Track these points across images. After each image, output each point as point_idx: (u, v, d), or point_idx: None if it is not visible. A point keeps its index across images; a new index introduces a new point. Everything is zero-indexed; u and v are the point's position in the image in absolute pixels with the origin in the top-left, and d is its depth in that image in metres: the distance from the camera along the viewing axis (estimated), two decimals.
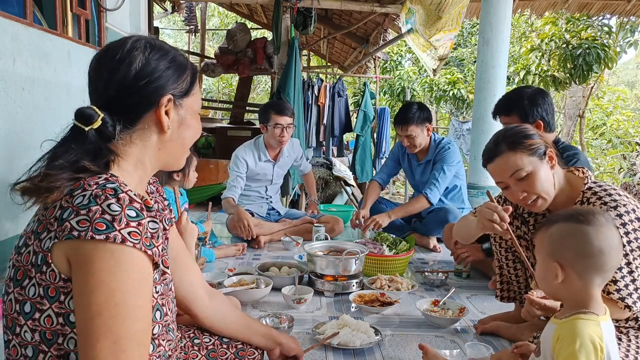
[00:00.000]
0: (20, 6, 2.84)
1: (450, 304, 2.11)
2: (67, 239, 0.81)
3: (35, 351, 0.86)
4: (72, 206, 0.83)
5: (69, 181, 0.86)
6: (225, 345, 1.34)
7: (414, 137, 3.25)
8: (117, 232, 0.81)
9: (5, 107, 2.61)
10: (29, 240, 0.87)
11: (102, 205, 0.82)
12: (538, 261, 1.23)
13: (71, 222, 0.81)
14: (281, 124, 3.33)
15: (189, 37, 11.77)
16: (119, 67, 0.94)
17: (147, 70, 0.95)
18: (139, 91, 0.95)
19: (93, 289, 0.80)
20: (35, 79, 2.86)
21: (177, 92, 1.00)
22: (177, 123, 1.01)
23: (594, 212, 1.18)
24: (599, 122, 10.96)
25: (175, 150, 1.04)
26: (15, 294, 0.87)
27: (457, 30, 5.07)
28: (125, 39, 0.98)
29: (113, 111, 0.93)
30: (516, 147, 1.59)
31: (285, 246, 3.24)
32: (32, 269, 0.85)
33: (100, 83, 0.96)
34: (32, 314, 0.85)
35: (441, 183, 3.24)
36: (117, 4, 3.92)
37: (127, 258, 0.82)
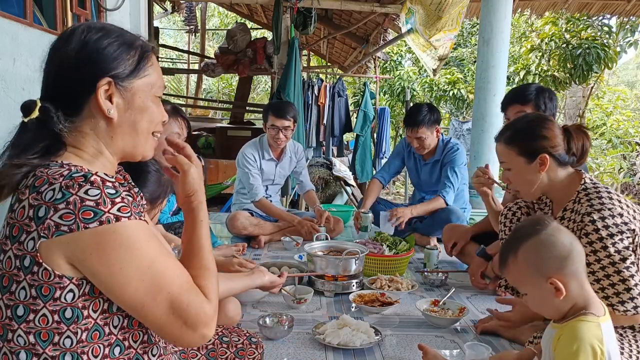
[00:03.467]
0: (20, 6, 2.84)
1: (450, 304, 2.11)
2: (58, 235, 0.80)
3: (29, 355, 0.85)
4: (44, 203, 0.81)
5: (12, 177, 0.85)
6: (225, 344, 1.34)
7: (424, 139, 3.25)
8: (107, 213, 0.82)
9: (5, 107, 2.61)
10: (4, 246, 0.85)
11: (78, 194, 0.81)
12: (528, 291, 1.20)
13: (53, 219, 0.80)
14: (277, 125, 3.31)
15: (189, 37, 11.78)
16: (56, 53, 0.93)
17: (83, 53, 0.91)
18: (75, 76, 0.91)
19: (121, 269, 0.83)
20: (35, 79, 2.85)
21: (120, 72, 0.93)
22: (124, 107, 0.94)
23: (541, 218, 1.21)
24: (599, 122, 10.95)
25: (129, 137, 0.97)
26: (4, 300, 0.85)
27: (457, 30, 5.07)
28: (71, 28, 0.96)
29: (55, 100, 0.91)
30: (510, 142, 1.68)
31: (285, 246, 3.24)
32: (19, 273, 0.83)
33: (44, 74, 0.94)
34: (26, 316, 0.84)
35: (454, 184, 3.29)
36: (117, 4, 3.92)
37: (129, 230, 0.84)
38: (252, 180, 3.35)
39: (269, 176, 3.56)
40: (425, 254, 2.77)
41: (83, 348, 0.86)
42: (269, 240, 3.40)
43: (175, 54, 15.20)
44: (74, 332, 0.85)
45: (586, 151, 1.67)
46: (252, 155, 3.41)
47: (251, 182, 3.35)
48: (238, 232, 3.33)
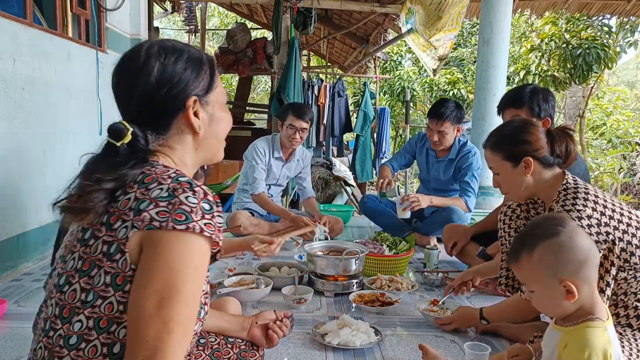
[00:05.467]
0: (20, 6, 2.84)
1: (449, 303, 2.11)
2: (148, 229, 0.84)
3: (79, 339, 0.87)
4: (149, 198, 0.86)
5: (103, 201, 0.88)
6: (230, 345, 1.37)
7: (446, 134, 3.24)
8: (195, 223, 0.85)
9: (5, 107, 2.61)
10: (97, 232, 0.88)
11: (179, 197, 0.86)
12: (536, 290, 1.19)
13: (150, 213, 0.85)
14: (295, 126, 3.36)
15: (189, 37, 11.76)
16: (137, 79, 0.95)
17: (165, 77, 0.95)
18: (162, 100, 0.95)
19: (158, 269, 0.84)
20: (35, 79, 2.86)
21: (200, 90, 1.00)
22: (208, 121, 1.02)
23: (560, 217, 1.19)
24: (599, 122, 10.95)
25: (212, 147, 1.06)
26: (81, 283, 0.88)
27: (457, 30, 5.07)
28: (139, 47, 0.98)
29: (142, 123, 0.95)
30: (495, 148, 1.75)
31: (285, 246, 3.24)
32: (103, 258, 0.87)
33: (124, 97, 0.97)
34: (94, 302, 0.87)
35: (475, 190, 3.32)
36: (117, 4, 3.92)
37: (196, 247, 0.86)
38: (256, 174, 3.39)
39: (274, 176, 3.57)
40: (425, 254, 2.77)
41: None
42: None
43: None
44: None
45: (570, 152, 1.71)
46: (263, 150, 3.46)
47: (255, 175, 3.39)
48: (238, 232, 3.34)
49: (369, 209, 3.64)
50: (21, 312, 2.09)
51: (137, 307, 0.84)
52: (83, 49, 3.45)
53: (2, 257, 2.62)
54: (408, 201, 3.11)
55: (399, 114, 11.93)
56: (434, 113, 3.24)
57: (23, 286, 2.45)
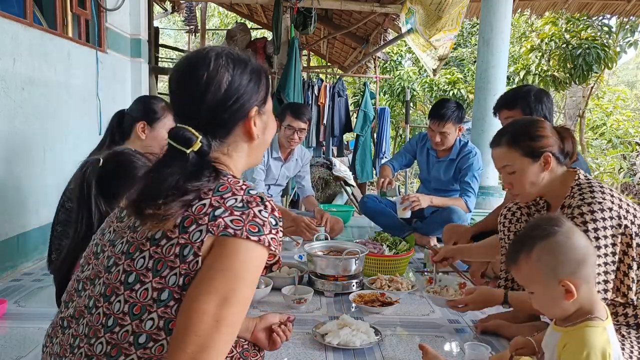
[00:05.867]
0: (20, 6, 2.84)
1: (447, 280, 2.12)
2: (222, 235, 0.89)
3: (148, 338, 0.90)
4: (224, 206, 0.91)
5: (182, 207, 0.91)
6: (234, 344, 1.36)
7: (448, 134, 3.24)
8: (266, 236, 0.91)
9: (5, 107, 2.61)
10: (171, 234, 0.91)
11: (253, 210, 0.92)
12: (536, 290, 1.19)
13: (225, 220, 0.89)
14: (293, 127, 3.34)
15: (189, 37, 11.76)
16: (207, 88, 0.98)
17: (233, 88, 1.00)
18: (229, 109, 1.00)
19: (223, 271, 0.88)
20: (35, 79, 2.86)
21: (260, 101, 1.05)
22: (262, 129, 1.08)
23: (556, 218, 1.19)
24: (599, 122, 10.95)
25: (261, 152, 1.12)
26: (153, 283, 0.90)
27: (457, 30, 5.08)
28: (206, 55, 1.01)
29: (206, 130, 0.99)
30: (512, 144, 1.66)
31: (285, 246, 3.24)
32: (176, 260, 0.90)
33: (190, 104, 1.00)
34: (167, 302, 0.89)
35: (475, 190, 3.31)
36: (117, 4, 3.92)
37: (260, 258, 0.92)
38: (255, 174, 3.38)
39: (273, 176, 3.56)
40: (425, 254, 2.77)
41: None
42: None
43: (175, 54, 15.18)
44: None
45: (574, 151, 1.71)
46: None
47: (254, 176, 3.38)
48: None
49: (369, 209, 3.64)
50: (21, 312, 2.09)
51: (194, 302, 0.87)
52: (83, 49, 3.45)
53: (2, 257, 2.62)
54: (408, 201, 3.11)
55: (399, 114, 11.93)
56: (436, 114, 3.23)
57: (23, 286, 2.45)
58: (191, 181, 0.93)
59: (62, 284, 1.21)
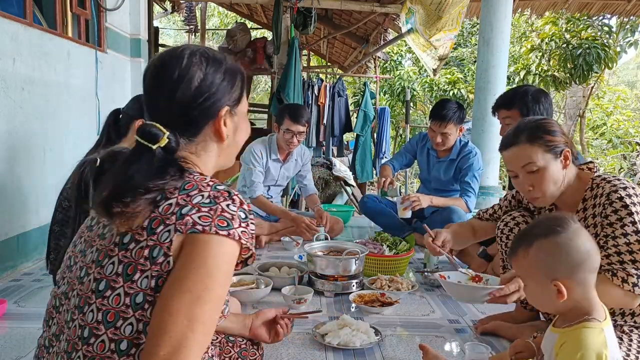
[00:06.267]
0: (20, 6, 2.84)
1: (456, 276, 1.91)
2: (191, 232, 0.88)
3: (130, 344, 0.88)
4: (191, 204, 0.90)
5: (150, 205, 0.90)
6: (231, 344, 1.40)
7: (449, 135, 3.24)
8: (235, 230, 0.90)
9: (5, 107, 2.61)
10: (139, 236, 0.89)
11: (221, 204, 0.90)
12: (529, 285, 1.20)
13: (193, 217, 0.88)
14: (292, 130, 3.31)
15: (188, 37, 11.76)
16: (178, 85, 0.98)
17: (205, 86, 0.99)
18: (199, 107, 0.99)
19: (194, 269, 0.87)
20: (35, 79, 2.86)
21: (232, 102, 1.04)
22: (233, 130, 1.06)
23: (563, 218, 1.17)
24: (599, 122, 10.96)
25: (231, 154, 1.10)
26: (125, 287, 0.88)
27: (457, 30, 5.07)
28: (181, 52, 1.01)
29: (175, 127, 0.98)
30: (535, 140, 1.58)
31: (285, 246, 3.24)
32: (146, 262, 0.88)
33: (160, 101, 0.99)
34: (142, 305, 0.88)
35: (475, 190, 3.31)
36: (117, 4, 3.92)
37: (231, 252, 0.90)
38: (254, 177, 3.36)
39: (272, 177, 3.56)
40: (426, 254, 2.77)
41: None
42: (269, 240, 3.40)
43: None
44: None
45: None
46: (259, 152, 3.41)
47: (253, 179, 3.35)
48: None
49: (369, 209, 3.64)
50: (21, 312, 2.09)
51: (166, 303, 0.86)
52: (83, 48, 3.45)
53: (2, 257, 2.62)
54: (409, 200, 3.11)
55: (399, 114, 11.93)
56: (437, 115, 3.23)
57: (23, 286, 2.45)
58: (155, 179, 0.92)
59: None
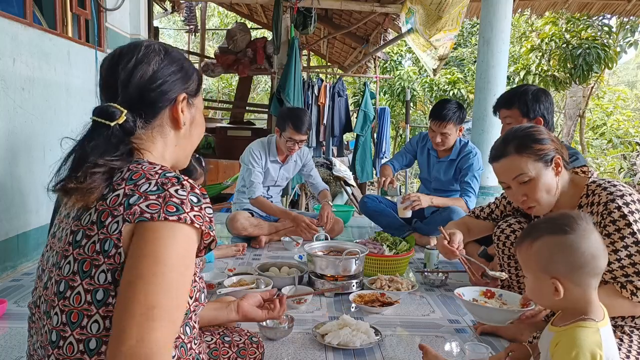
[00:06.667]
0: (20, 6, 2.84)
1: (507, 296, 1.76)
2: (139, 221, 0.87)
3: (99, 342, 0.86)
4: (138, 193, 0.89)
5: (105, 181, 0.91)
6: (227, 344, 1.38)
7: (449, 135, 3.24)
8: (187, 214, 0.89)
9: (5, 107, 2.61)
10: (90, 231, 0.89)
11: (169, 190, 0.90)
12: (529, 278, 1.21)
13: (140, 206, 0.87)
14: (295, 139, 3.30)
15: (188, 37, 11.77)
16: (136, 68, 1.00)
17: (161, 72, 1.02)
18: (156, 90, 1.01)
19: (142, 256, 0.85)
20: (35, 79, 2.86)
21: (191, 90, 1.08)
22: (190, 120, 1.09)
23: (575, 218, 1.16)
24: (599, 122, 10.96)
25: (187, 148, 1.11)
26: (84, 285, 0.88)
27: (457, 30, 5.07)
28: (139, 43, 1.04)
29: (132, 108, 0.99)
30: (523, 150, 1.57)
31: (285, 246, 3.24)
32: (99, 257, 0.87)
33: (118, 83, 1.00)
34: (105, 300, 0.87)
35: (475, 190, 3.31)
36: (117, 4, 3.92)
37: (184, 237, 0.88)
38: (253, 178, 3.36)
39: (272, 177, 3.56)
40: (426, 254, 2.77)
41: None
42: (269, 240, 3.40)
43: None
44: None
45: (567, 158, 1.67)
46: (259, 153, 3.42)
47: (252, 179, 3.35)
48: (238, 233, 3.34)
49: (369, 209, 3.64)
50: (21, 312, 2.09)
51: (122, 294, 0.84)
52: (83, 48, 3.45)
53: (2, 257, 2.62)
54: (409, 200, 3.11)
55: (399, 114, 11.94)
56: (437, 115, 3.23)
57: (23, 286, 2.45)
58: (105, 155, 0.92)
59: None
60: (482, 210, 2.13)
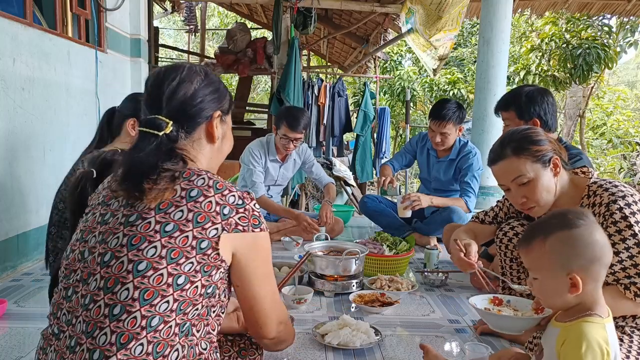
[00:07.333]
0: (20, 6, 2.84)
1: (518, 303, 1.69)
2: (235, 232, 1.07)
3: (160, 321, 0.98)
4: (228, 204, 1.07)
5: (171, 182, 1.05)
6: (230, 343, 1.42)
7: (448, 135, 3.24)
8: (263, 224, 1.12)
9: (5, 107, 2.61)
10: (184, 227, 1.02)
11: (251, 205, 1.11)
12: (541, 278, 1.18)
13: (235, 219, 1.07)
14: (289, 137, 3.30)
15: (188, 37, 11.77)
16: (179, 86, 1.14)
17: (201, 91, 1.16)
18: (196, 106, 1.15)
19: (262, 262, 1.14)
20: (35, 79, 2.86)
21: (225, 108, 1.22)
22: (222, 135, 1.22)
23: (582, 211, 1.16)
24: (599, 122, 10.96)
25: (218, 160, 1.26)
26: (168, 269, 0.99)
27: (457, 30, 5.08)
28: (181, 65, 1.19)
29: (175, 120, 1.12)
30: (521, 152, 1.58)
31: (285, 246, 3.24)
32: (191, 251, 1.01)
33: (163, 98, 1.13)
34: (183, 286, 1.00)
35: (475, 190, 3.30)
36: (117, 4, 3.92)
37: (267, 240, 1.16)
38: (254, 177, 3.36)
39: (272, 177, 3.56)
40: (426, 254, 2.77)
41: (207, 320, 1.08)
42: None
43: (175, 54, 15.20)
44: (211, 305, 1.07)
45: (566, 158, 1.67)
46: (258, 153, 3.42)
47: (253, 179, 3.36)
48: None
49: (369, 209, 3.64)
50: (21, 312, 2.09)
51: (255, 289, 1.15)
52: (83, 48, 3.45)
53: (2, 257, 2.62)
54: (409, 200, 3.11)
55: (399, 114, 11.94)
56: (436, 114, 3.23)
57: (23, 286, 2.45)
58: (165, 161, 1.06)
59: None
60: (486, 214, 2.12)
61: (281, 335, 1.28)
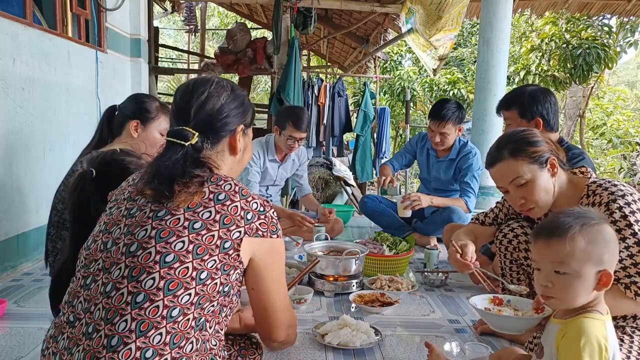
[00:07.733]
0: (20, 6, 2.84)
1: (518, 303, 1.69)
2: (256, 237, 1.14)
3: (180, 312, 1.02)
4: (251, 210, 1.15)
5: (200, 186, 1.11)
6: (230, 342, 1.43)
7: (448, 135, 3.24)
8: (279, 230, 1.20)
9: (5, 107, 2.61)
10: (211, 226, 1.09)
11: (270, 212, 1.19)
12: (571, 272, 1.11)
13: (256, 224, 1.15)
14: (295, 137, 3.30)
15: (188, 37, 11.77)
16: (208, 100, 1.21)
17: (227, 105, 1.23)
18: (222, 120, 1.22)
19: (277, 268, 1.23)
20: (35, 79, 2.86)
21: (247, 122, 1.29)
22: (243, 147, 1.29)
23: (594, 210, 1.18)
24: (599, 122, 10.96)
25: (239, 170, 1.33)
26: (194, 263, 1.05)
27: (457, 30, 5.08)
28: (209, 79, 1.25)
29: (201, 132, 1.19)
30: (517, 154, 1.58)
31: (285, 246, 3.23)
32: (215, 249, 1.08)
33: (191, 110, 1.19)
34: (205, 280, 1.06)
35: (475, 190, 3.31)
36: (117, 4, 3.92)
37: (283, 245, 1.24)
38: (250, 177, 3.36)
39: (270, 177, 3.56)
40: (426, 254, 2.77)
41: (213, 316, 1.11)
42: None
43: (175, 54, 15.21)
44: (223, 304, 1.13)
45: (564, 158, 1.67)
46: (257, 153, 3.42)
47: (249, 178, 3.36)
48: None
49: (369, 209, 3.64)
50: (21, 312, 2.09)
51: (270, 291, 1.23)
52: (83, 48, 3.45)
53: (2, 257, 2.62)
54: (409, 200, 3.11)
55: (399, 114, 11.93)
56: (436, 114, 3.22)
57: (23, 286, 2.45)
58: (192, 168, 1.13)
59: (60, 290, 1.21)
60: (486, 215, 2.12)
61: (289, 339, 1.37)
